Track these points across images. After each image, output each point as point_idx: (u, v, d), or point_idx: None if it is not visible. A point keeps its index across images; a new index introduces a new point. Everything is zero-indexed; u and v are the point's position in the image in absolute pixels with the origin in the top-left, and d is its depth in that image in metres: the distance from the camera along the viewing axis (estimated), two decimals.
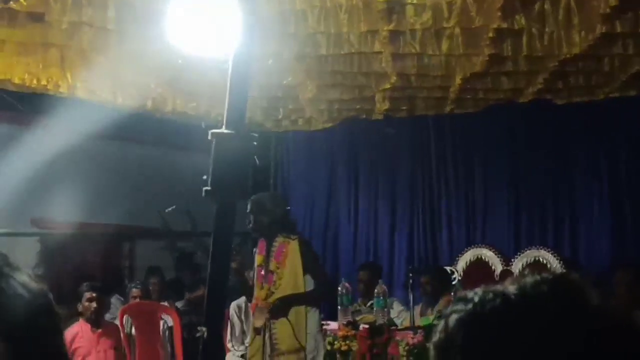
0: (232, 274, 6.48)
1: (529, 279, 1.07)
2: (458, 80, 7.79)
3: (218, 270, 2.95)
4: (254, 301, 6.36)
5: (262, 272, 6.27)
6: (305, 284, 6.23)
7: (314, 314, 6.35)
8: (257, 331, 6.20)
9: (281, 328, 6.12)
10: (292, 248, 6.22)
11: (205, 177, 2.87)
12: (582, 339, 1.00)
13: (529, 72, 7.65)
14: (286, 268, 6.19)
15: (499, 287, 1.08)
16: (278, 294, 6.16)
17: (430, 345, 1.11)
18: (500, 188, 9.59)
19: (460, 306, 1.09)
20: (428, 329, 6.63)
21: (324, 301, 6.70)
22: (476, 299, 1.07)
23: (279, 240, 6.26)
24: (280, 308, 6.11)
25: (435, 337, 1.11)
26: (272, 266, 6.21)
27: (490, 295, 1.07)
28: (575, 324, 1.01)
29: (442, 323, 1.10)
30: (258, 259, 6.34)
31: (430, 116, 9.76)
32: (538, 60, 7.15)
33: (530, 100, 8.68)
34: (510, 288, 1.07)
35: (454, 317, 1.08)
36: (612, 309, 1.05)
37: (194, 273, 10.46)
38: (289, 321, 6.09)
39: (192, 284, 9.93)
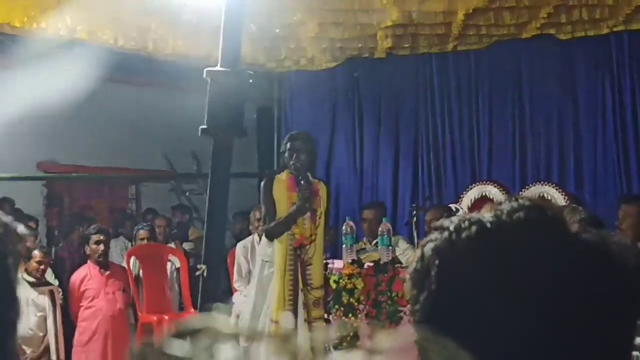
0: None
1: (506, 206, 1.05)
2: (460, 16, 7.72)
3: (216, 207, 2.96)
4: (296, 239, 6.35)
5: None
6: None
7: None
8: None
9: (316, 266, 6.32)
10: (323, 190, 6.37)
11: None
12: (556, 267, 1.00)
13: (531, 6, 7.58)
14: (321, 208, 6.34)
15: (475, 215, 1.06)
16: (319, 232, 6.32)
17: (407, 276, 1.10)
18: (505, 125, 9.53)
19: (436, 235, 1.07)
20: None
21: None
22: (451, 227, 1.05)
23: (312, 181, 6.33)
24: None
25: (411, 266, 1.08)
26: (313, 204, 6.29)
27: (466, 223, 1.04)
28: (550, 252, 1.00)
29: (418, 252, 1.08)
30: (291, 196, 6.34)
31: (433, 54, 9.69)
32: None
33: (533, 37, 8.61)
34: (487, 215, 1.05)
35: (429, 246, 1.06)
36: (590, 238, 1.03)
37: (183, 214, 10.72)
38: (323, 259, 6.38)
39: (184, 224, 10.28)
